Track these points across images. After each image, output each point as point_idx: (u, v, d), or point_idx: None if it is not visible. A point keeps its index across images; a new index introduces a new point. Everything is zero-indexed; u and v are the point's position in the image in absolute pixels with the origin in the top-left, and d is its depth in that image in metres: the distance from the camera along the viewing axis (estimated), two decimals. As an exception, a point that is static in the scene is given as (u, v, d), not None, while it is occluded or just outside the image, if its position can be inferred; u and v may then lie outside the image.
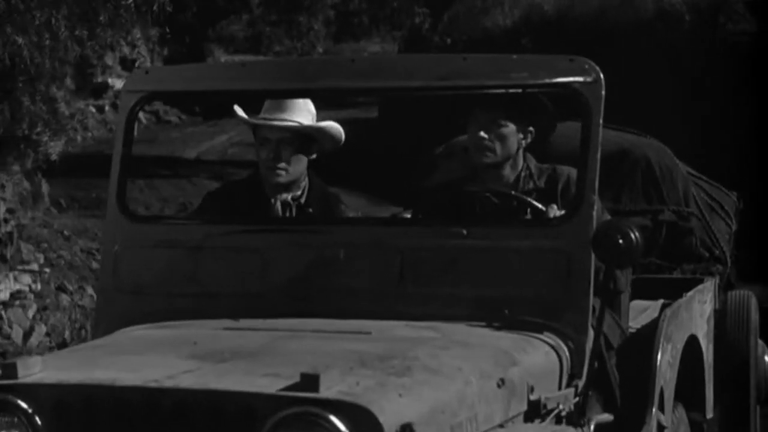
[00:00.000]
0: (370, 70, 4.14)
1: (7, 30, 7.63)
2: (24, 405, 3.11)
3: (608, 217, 4.25)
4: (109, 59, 16.77)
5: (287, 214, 4.38)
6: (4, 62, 7.79)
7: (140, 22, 9.10)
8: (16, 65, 7.85)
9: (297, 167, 4.40)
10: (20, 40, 7.61)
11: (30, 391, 3.13)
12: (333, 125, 4.46)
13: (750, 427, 5.29)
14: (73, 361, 3.40)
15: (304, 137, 4.40)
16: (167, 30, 8.15)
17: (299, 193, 4.43)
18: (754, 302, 5.34)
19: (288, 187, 4.41)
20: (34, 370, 3.18)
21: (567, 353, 3.69)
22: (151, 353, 3.37)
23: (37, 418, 3.11)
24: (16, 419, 3.11)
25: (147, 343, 3.54)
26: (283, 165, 4.37)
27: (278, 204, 4.38)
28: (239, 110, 4.43)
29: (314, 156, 4.45)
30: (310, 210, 4.39)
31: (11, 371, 3.15)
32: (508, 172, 4.29)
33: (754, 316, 5.30)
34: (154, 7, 8.02)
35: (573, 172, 4.17)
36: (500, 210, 4.20)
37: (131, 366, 3.20)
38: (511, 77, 3.94)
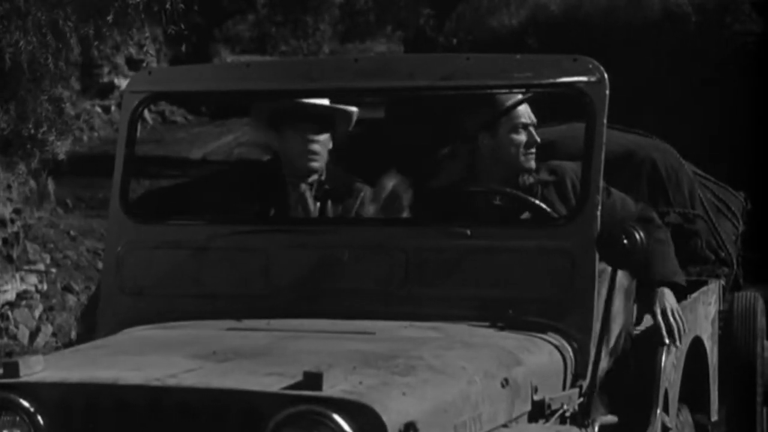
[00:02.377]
0: (373, 69, 4.13)
1: (12, 30, 7.62)
2: (26, 404, 3.10)
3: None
4: (116, 59, 16.78)
5: (308, 198, 4.32)
6: (9, 62, 7.78)
7: (147, 22, 9.07)
8: (21, 65, 7.84)
9: (325, 151, 4.35)
10: (23, 41, 7.60)
11: (32, 390, 3.12)
12: (350, 108, 4.42)
13: (756, 429, 5.27)
14: (75, 360, 3.40)
15: (327, 120, 4.35)
16: (182, 27, 8.10)
17: (319, 175, 4.37)
18: (760, 304, 5.32)
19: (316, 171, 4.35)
20: (36, 369, 3.18)
21: (571, 353, 3.69)
22: (154, 353, 3.36)
23: (39, 417, 3.10)
24: (18, 418, 3.10)
25: (150, 343, 3.54)
26: (318, 149, 4.30)
27: (307, 192, 4.31)
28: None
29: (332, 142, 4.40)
30: (327, 187, 4.32)
31: (13, 370, 3.15)
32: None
33: (761, 317, 5.29)
34: (167, 6, 7.99)
35: (571, 165, 4.16)
36: (504, 210, 4.19)
37: (134, 365, 3.20)
38: (514, 77, 3.93)
